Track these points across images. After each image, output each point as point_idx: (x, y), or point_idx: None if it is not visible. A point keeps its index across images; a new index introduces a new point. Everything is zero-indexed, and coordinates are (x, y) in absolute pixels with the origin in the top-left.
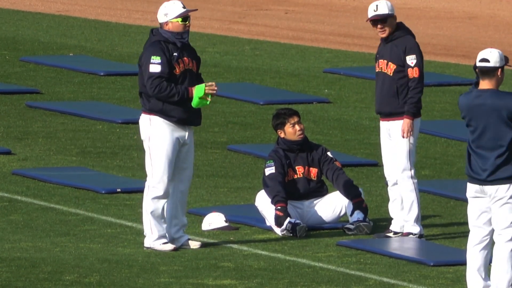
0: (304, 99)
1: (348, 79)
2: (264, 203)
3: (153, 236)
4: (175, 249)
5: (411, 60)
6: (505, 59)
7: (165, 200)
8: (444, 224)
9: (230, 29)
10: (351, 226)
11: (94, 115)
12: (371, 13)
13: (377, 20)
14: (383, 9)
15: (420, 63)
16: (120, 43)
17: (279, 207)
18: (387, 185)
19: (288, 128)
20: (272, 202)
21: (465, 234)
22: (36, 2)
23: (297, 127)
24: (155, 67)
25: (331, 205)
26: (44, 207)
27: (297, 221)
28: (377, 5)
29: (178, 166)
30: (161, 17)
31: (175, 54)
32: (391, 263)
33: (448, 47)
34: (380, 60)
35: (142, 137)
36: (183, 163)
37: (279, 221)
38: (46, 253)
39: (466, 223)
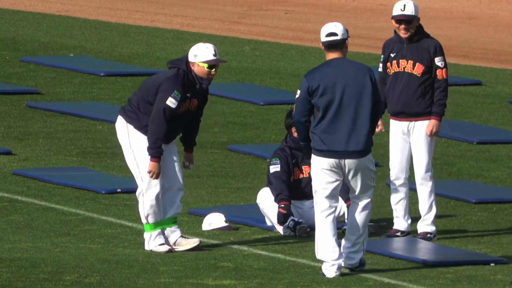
0: None
1: None
2: (265, 201)
3: (153, 237)
4: (169, 251)
5: (440, 61)
6: (347, 32)
7: (159, 198)
8: (444, 224)
9: (230, 29)
10: None
11: (95, 115)
12: (397, 11)
13: (402, 20)
14: (410, 10)
15: (446, 65)
16: (120, 44)
17: (282, 205)
18: (388, 185)
19: None
20: (275, 200)
21: (465, 234)
22: (36, 2)
23: None
24: (172, 103)
25: None
26: (45, 207)
27: (300, 220)
28: (404, 5)
29: (166, 173)
30: (191, 56)
31: (188, 94)
32: (391, 263)
33: (448, 47)
34: (401, 60)
35: (120, 140)
36: (168, 170)
37: (282, 219)
38: (46, 254)
39: (466, 223)
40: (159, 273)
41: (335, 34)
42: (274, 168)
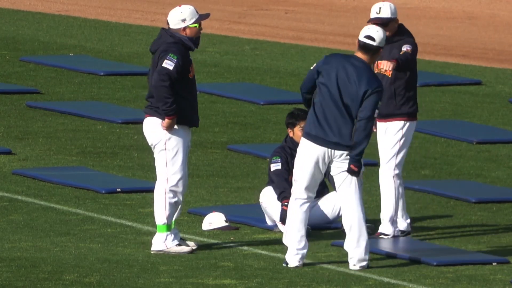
0: None
1: None
2: (268, 200)
3: (170, 238)
4: (191, 251)
5: (405, 48)
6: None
7: (180, 200)
8: (444, 224)
9: (230, 29)
10: None
11: (94, 115)
12: (373, 14)
13: (378, 24)
14: (386, 13)
15: (414, 50)
16: (120, 43)
17: (286, 203)
18: None
19: (298, 130)
20: (278, 199)
21: (465, 234)
22: (36, 2)
23: None
24: (169, 64)
25: (331, 204)
26: (44, 207)
27: None
28: (380, 8)
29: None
30: (178, 23)
31: (190, 58)
32: (391, 263)
33: (448, 47)
34: (378, 62)
35: (155, 140)
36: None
37: (284, 217)
38: (46, 253)
39: (466, 223)
40: (159, 273)
41: (372, 39)
42: (275, 166)
